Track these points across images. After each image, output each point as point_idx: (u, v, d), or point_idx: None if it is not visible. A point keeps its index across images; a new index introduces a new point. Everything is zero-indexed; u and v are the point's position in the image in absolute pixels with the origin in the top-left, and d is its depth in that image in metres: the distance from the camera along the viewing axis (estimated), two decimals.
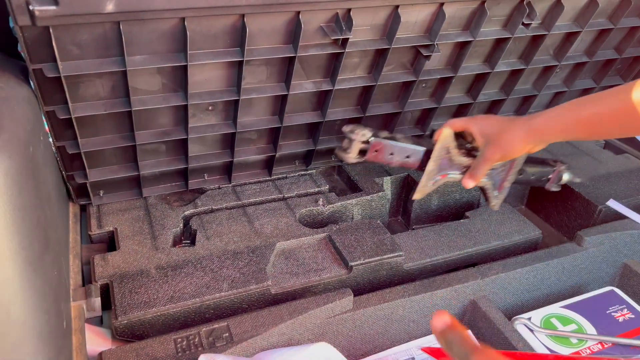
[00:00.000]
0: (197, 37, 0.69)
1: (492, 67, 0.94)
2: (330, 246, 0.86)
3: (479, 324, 0.78)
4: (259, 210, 0.92)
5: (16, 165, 0.51)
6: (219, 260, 0.80)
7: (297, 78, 0.82)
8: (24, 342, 0.51)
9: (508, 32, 0.87)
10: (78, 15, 0.61)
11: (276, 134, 0.91)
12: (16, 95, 0.63)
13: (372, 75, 0.87)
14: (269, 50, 0.75)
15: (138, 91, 0.75)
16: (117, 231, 0.85)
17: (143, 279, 0.76)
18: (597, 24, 0.94)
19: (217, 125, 0.86)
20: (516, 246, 0.93)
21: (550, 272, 0.86)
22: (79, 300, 0.71)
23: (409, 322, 0.77)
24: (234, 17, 0.69)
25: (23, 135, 0.57)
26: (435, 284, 0.78)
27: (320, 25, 0.75)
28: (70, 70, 0.67)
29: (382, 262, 0.83)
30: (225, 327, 0.68)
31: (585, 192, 1.02)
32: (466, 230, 0.93)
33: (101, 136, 0.80)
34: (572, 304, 0.81)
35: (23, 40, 0.62)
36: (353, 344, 0.75)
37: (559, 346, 0.74)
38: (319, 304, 0.71)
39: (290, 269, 0.81)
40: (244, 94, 0.80)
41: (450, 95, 0.97)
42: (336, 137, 0.99)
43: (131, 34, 0.66)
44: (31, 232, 0.52)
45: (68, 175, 0.84)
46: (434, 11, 0.79)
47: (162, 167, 0.88)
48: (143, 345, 0.65)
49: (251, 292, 0.76)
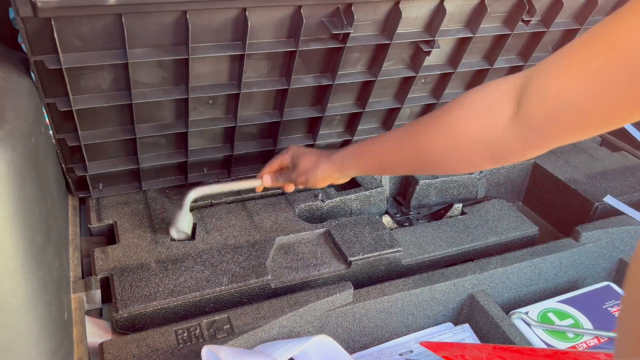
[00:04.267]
0: (198, 30, 0.69)
1: (492, 63, 0.94)
2: (330, 241, 0.87)
3: (477, 317, 0.78)
4: (258, 205, 0.93)
5: (19, 156, 0.51)
6: (219, 254, 0.81)
7: (298, 72, 0.82)
8: (26, 332, 0.51)
9: (508, 28, 0.88)
10: (80, 7, 0.61)
11: (276, 128, 0.91)
12: (17, 87, 0.63)
13: (372, 70, 0.88)
14: (270, 44, 0.75)
15: (139, 84, 0.75)
16: (117, 224, 0.85)
17: (143, 272, 0.76)
18: (596, 21, 0.95)
19: (218, 119, 0.86)
20: (513, 242, 0.93)
21: (548, 267, 0.86)
22: (79, 292, 0.71)
23: (407, 315, 0.78)
24: (235, 10, 0.69)
25: (25, 127, 0.57)
26: (434, 277, 0.79)
27: (321, 19, 0.75)
28: (72, 62, 0.67)
29: (381, 258, 0.84)
30: (226, 318, 0.68)
31: (581, 189, 1.02)
32: (464, 226, 0.94)
33: (101, 129, 0.80)
34: (568, 299, 0.82)
35: (24, 32, 0.62)
36: (352, 336, 0.76)
37: (555, 340, 0.75)
38: (319, 297, 0.71)
39: (289, 263, 0.82)
40: (244, 87, 0.80)
41: (449, 91, 0.98)
42: (336, 133, 1.00)
43: (133, 27, 0.66)
44: (33, 223, 0.52)
45: (68, 168, 0.84)
46: (434, 7, 0.80)
47: (162, 160, 0.88)
48: (144, 336, 0.65)
49: (251, 286, 0.76)
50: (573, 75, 0.49)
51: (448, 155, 0.62)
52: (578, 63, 0.49)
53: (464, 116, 0.59)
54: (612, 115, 0.49)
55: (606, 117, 0.49)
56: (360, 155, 0.74)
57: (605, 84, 0.47)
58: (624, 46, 0.45)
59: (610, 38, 0.46)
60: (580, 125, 0.51)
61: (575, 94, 0.49)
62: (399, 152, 0.68)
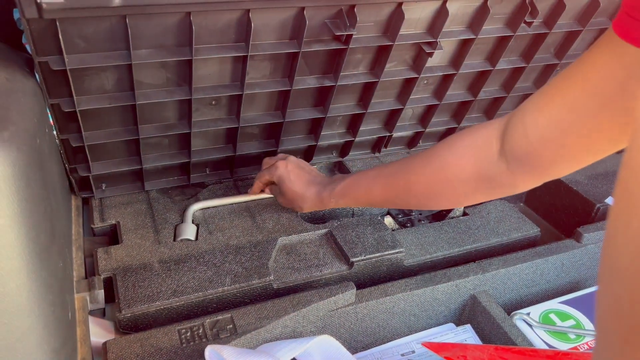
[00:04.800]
0: (202, 31, 0.70)
1: (494, 64, 0.94)
2: (332, 242, 0.87)
3: (479, 318, 0.79)
4: (260, 205, 0.93)
5: (24, 157, 0.51)
6: (222, 254, 0.81)
7: (300, 73, 0.82)
8: (30, 332, 0.51)
9: (510, 30, 0.88)
10: (85, 9, 0.61)
11: (278, 129, 0.92)
12: (23, 87, 0.63)
13: (374, 72, 0.88)
14: (273, 45, 0.76)
15: (143, 85, 0.75)
16: (120, 224, 0.85)
17: (146, 272, 0.76)
18: (598, 22, 0.95)
19: (220, 119, 0.86)
20: (515, 243, 0.94)
21: (549, 268, 0.86)
22: (82, 292, 0.71)
23: (409, 315, 0.78)
24: (239, 12, 0.69)
25: (30, 127, 0.57)
26: (436, 278, 0.79)
27: (324, 21, 0.75)
28: (76, 64, 0.67)
29: (383, 258, 0.84)
30: (229, 318, 0.68)
31: (583, 191, 1.03)
32: (466, 227, 0.94)
33: (105, 129, 0.81)
34: (570, 300, 0.82)
35: (29, 33, 0.62)
36: (355, 336, 0.76)
37: (557, 341, 0.75)
38: (321, 297, 0.72)
39: (291, 264, 0.82)
40: (247, 88, 0.80)
41: (451, 92, 0.98)
42: (338, 133, 1.00)
43: (137, 28, 0.66)
44: (38, 223, 0.53)
45: (71, 168, 0.84)
46: (437, 8, 0.80)
47: (164, 160, 0.89)
48: (147, 335, 0.65)
49: (254, 286, 0.76)
50: (551, 110, 0.53)
51: (443, 193, 0.66)
52: (556, 96, 0.53)
53: (455, 155, 0.63)
54: (589, 147, 0.51)
55: (583, 149, 0.53)
56: (349, 195, 0.77)
57: (580, 115, 0.49)
58: (596, 78, 0.48)
59: (585, 70, 0.49)
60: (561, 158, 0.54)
61: (553, 127, 0.53)
62: (390, 192, 0.71)
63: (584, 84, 0.49)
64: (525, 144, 0.55)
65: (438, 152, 0.66)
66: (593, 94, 0.48)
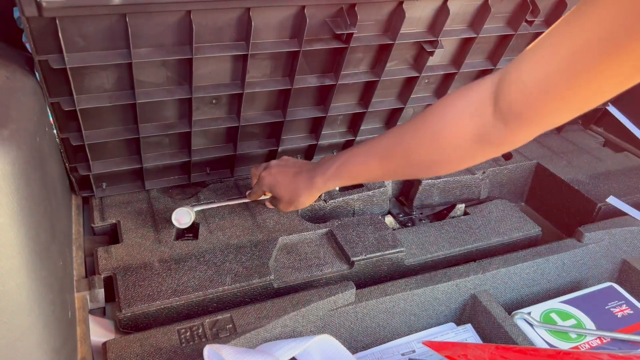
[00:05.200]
0: (202, 30, 0.70)
1: (495, 64, 0.94)
2: (332, 241, 0.87)
3: (480, 318, 0.78)
4: (261, 205, 0.93)
5: (24, 155, 0.51)
6: (222, 254, 0.81)
7: (301, 72, 0.82)
8: (30, 331, 0.51)
9: (511, 29, 0.88)
10: (85, 7, 0.61)
11: (279, 128, 0.92)
12: (23, 86, 0.63)
13: (375, 71, 0.88)
14: (273, 44, 0.76)
15: (143, 84, 0.75)
16: (120, 224, 0.85)
17: (146, 272, 0.76)
18: None
19: (221, 118, 0.86)
20: (516, 243, 0.93)
21: (550, 268, 0.86)
22: (82, 291, 0.71)
23: (410, 315, 0.78)
24: (239, 10, 0.69)
25: (30, 126, 0.57)
26: (436, 278, 0.79)
27: (324, 19, 0.75)
28: (76, 62, 0.67)
29: (384, 258, 0.84)
30: (229, 318, 0.68)
31: (584, 190, 1.02)
32: (467, 226, 0.94)
33: (105, 128, 0.80)
34: (571, 299, 0.82)
35: (29, 31, 0.62)
36: (355, 336, 0.76)
37: (558, 341, 0.75)
38: (322, 297, 0.72)
39: (292, 263, 0.82)
40: (248, 87, 0.80)
41: (452, 91, 0.98)
42: (338, 133, 1.00)
43: (137, 27, 0.66)
44: (38, 222, 0.53)
45: (71, 167, 0.84)
46: (438, 7, 0.80)
47: (165, 160, 0.89)
48: (147, 335, 0.65)
49: (254, 286, 0.76)
50: (551, 62, 0.50)
51: (442, 160, 0.64)
52: (555, 50, 0.50)
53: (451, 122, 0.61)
54: (595, 90, 0.50)
55: (585, 98, 0.51)
56: (344, 175, 0.75)
57: (587, 59, 0.47)
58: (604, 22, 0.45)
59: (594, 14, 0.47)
60: (565, 106, 0.53)
61: (553, 79, 0.50)
62: (388, 165, 0.69)
63: (588, 33, 0.47)
64: (525, 98, 0.53)
65: (431, 119, 0.64)
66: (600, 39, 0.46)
